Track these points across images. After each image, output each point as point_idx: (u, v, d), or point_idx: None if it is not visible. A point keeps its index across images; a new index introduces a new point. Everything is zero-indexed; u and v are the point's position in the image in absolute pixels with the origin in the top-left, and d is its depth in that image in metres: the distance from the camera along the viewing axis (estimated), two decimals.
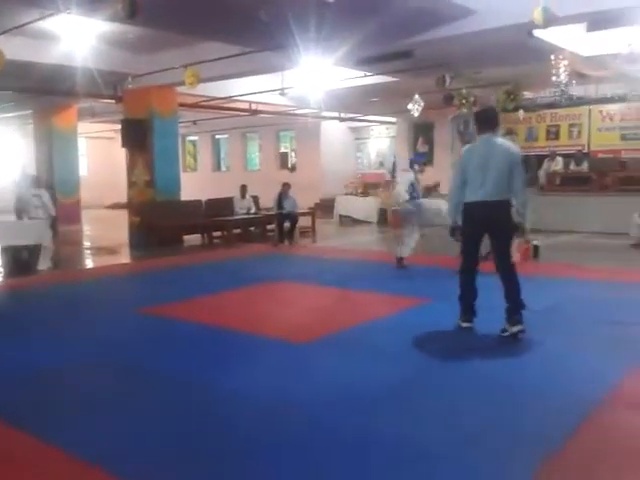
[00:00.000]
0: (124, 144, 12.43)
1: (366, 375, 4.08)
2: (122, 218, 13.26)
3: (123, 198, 13.86)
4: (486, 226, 4.93)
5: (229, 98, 13.64)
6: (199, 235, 12.54)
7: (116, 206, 20.22)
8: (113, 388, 3.99)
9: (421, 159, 8.57)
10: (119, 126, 13.07)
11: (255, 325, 5.49)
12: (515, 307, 4.83)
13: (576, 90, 10.83)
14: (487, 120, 5.07)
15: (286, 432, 3.21)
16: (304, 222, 13.14)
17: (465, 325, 5.09)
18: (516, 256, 8.77)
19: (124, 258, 10.95)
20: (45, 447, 3.06)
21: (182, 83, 9.99)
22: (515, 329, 4.79)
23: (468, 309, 5.10)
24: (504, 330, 4.84)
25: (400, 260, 8.15)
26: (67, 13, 7.16)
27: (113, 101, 12.81)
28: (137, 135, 12.07)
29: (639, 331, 4.98)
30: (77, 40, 9.33)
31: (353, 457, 2.93)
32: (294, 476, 2.76)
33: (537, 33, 7.80)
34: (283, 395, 3.73)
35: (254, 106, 15.09)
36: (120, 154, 13.99)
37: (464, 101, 11.64)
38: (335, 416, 3.40)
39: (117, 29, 9.10)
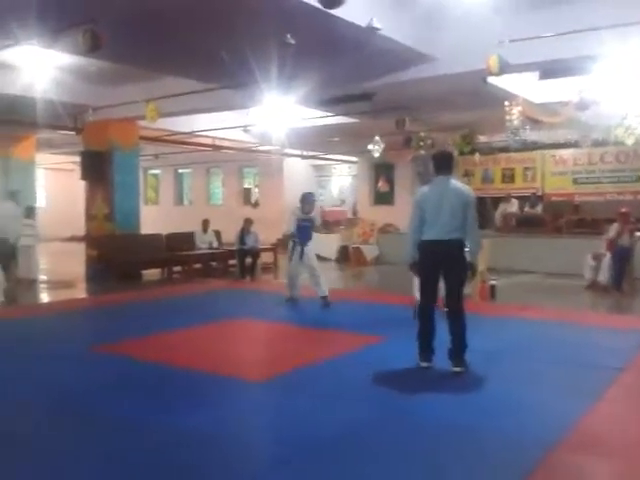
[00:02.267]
0: (83, 176, 12.28)
1: (320, 416, 4.04)
2: (80, 251, 13.01)
3: (81, 231, 13.62)
4: (440, 264, 5.03)
5: (192, 133, 13.67)
6: (159, 270, 12.37)
7: (74, 239, 19.82)
8: (58, 428, 3.85)
9: (311, 199, 8.53)
10: (79, 158, 12.92)
11: (213, 364, 5.40)
12: (459, 348, 4.95)
13: (530, 135, 11.20)
14: (444, 162, 5.24)
15: (239, 474, 3.15)
16: (266, 258, 13.11)
17: (424, 365, 5.09)
18: (474, 295, 8.97)
19: (80, 293, 10.70)
20: None
21: (144, 117, 9.98)
22: (457, 369, 4.91)
23: (426, 348, 5.11)
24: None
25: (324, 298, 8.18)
26: (28, 44, 7.12)
27: (73, 132, 12.68)
28: (97, 167, 11.95)
29: (592, 372, 5.05)
30: (38, 71, 9.27)
31: None
32: None
33: (491, 80, 8.08)
34: (238, 436, 3.66)
35: (217, 142, 15.14)
36: (79, 186, 13.78)
37: (422, 143, 11.92)
38: (287, 457, 3.35)
39: (79, 61, 9.07)
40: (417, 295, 7.27)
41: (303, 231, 8.32)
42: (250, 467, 3.25)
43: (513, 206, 14.76)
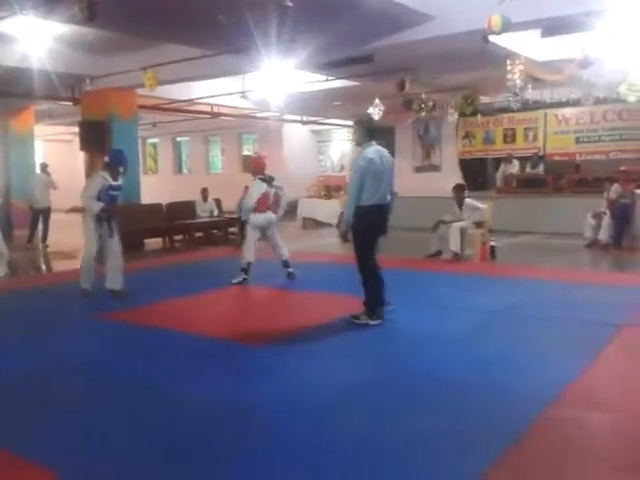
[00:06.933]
0: (82, 147, 12.21)
1: (322, 377, 4.13)
2: (81, 222, 13.02)
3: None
4: (380, 226, 5.37)
5: (190, 101, 13.55)
6: (160, 239, 12.42)
7: (75, 210, 19.79)
8: (69, 396, 3.94)
9: (121, 161, 6.99)
10: (77, 129, 12.84)
11: (215, 329, 5.49)
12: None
13: (532, 94, 11.08)
14: (372, 130, 5.52)
15: (243, 436, 3.24)
16: None
17: (377, 322, 5.30)
18: (474, 256, 9.05)
19: None
20: None
21: (142, 85, 9.89)
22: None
23: (380, 306, 5.36)
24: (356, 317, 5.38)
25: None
26: (23, 15, 7.02)
27: (71, 103, 12.57)
28: (96, 138, 11.86)
29: (592, 329, 5.12)
30: (34, 42, 9.13)
31: (308, 457, 2.97)
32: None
33: (493, 39, 7.98)
34: (240, 399, 3.73)
35: (215, 109, 15.01)
36: (79, 157, 13.74)
37: (423, 105, 11.80)
38: (291, 419, 3.43)
39: (75, 30, 8.93)
40: (250, 256, 7.53)
41: (112, 203, 6.88)
42: (247, 430, 3.31)
43: (514, 167, 14.70)
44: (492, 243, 9.27)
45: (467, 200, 9.16)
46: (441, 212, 9.52)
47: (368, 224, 5.26)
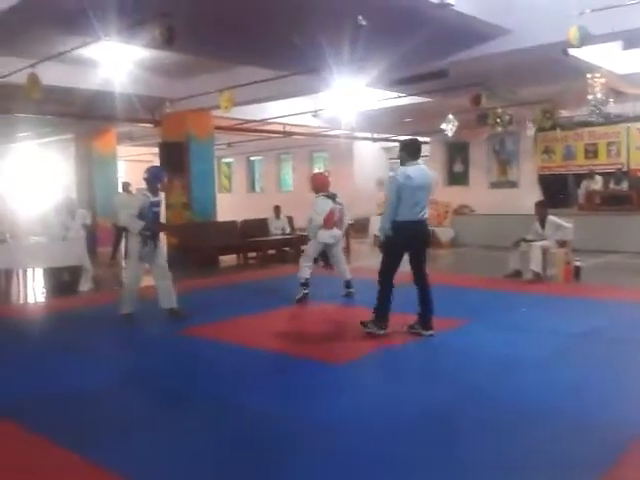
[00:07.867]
0: (162, 167, 12.65)
1: (407, 397, 4.04)
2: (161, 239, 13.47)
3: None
4: (416, 242, 5.59)
5: (263, 121, 13.80)
6: (235, 255, 12.65)
7: None
8: (151, 409, 4.03)
9: (160, 177, 6.71)
10: (157, 149, 13.33)
11: (293, 346, 5.53)
12: (430, 314, 5.59)
13: (614, 108, 10.60)
14: (416, 150, 5.69)
15: (324, 454, 3.19)
16: None
17: (383, 332, 5.49)
18: (558, 276, 8.67)
19: None
20: (81, 461, 3.11)
21: (217, 107, 10.16)
22: (428, 333, 5.56)
23: (387, 318, 5.55)
24: (412, 327, 5.66)
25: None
26: (106, 40, 7.36)
27: (151, 125, 13.08)
28: (175, 158, 12.29)
29: None
30: (116, 66, 9.56)
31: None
32: None
33: (572, 52, 7.70)
34: (312, 416, 3.71)
35: (287, 128, 15.22)
36: None
37: (499, 120, 11.50)
38: (376, 438, 3.37)
39: (154, 55, 9.32)
40: (306, 272, 7.68)
41: (155, 220, 6.66)
42: (329, 448, 3.27)
43: (597, 183, 14.08)
44: (577, 263, 8.86)
45: (550, 217, 8.83)
46: (519, 230, 9.22)
47: (400, 239, 5.50)
